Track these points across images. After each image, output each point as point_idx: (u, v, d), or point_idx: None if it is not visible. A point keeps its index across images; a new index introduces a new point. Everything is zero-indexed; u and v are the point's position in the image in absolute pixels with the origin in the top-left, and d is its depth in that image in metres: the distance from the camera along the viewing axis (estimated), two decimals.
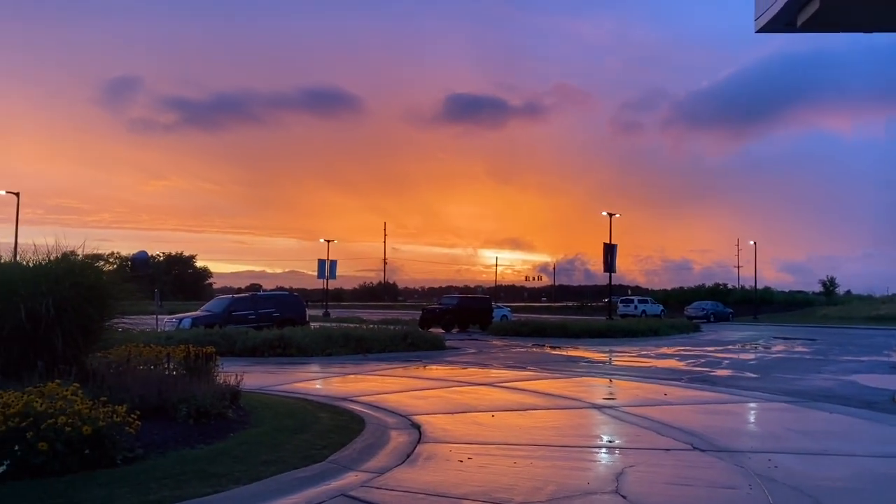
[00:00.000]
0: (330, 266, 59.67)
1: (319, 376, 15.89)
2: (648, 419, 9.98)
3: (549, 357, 22.10)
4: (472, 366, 18.52)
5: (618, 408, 11.06)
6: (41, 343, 7.91)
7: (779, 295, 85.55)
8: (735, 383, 15.32)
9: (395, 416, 9.96)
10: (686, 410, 11.15)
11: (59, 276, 8.28)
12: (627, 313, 55.56)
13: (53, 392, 6.49)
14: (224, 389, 9.16)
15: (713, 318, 56.28)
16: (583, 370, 17.84)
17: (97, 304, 8.67)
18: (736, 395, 13.24)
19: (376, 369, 17.03)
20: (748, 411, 11.76)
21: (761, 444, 8.50)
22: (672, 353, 24.08)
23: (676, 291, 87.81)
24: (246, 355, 19.26)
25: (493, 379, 15.18)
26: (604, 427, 9.67)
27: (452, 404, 11.27)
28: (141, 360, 9.82)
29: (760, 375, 17.18)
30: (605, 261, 48.13)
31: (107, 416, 6.42)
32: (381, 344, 22.12)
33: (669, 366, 19.63)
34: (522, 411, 10.72)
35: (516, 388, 13.47)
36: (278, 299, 29.77)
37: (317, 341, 21.01)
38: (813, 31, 7.86)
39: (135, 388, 8.22)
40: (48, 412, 6.13)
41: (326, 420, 9.20)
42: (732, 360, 21.58)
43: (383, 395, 12.03)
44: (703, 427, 9.38)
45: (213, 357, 10.41)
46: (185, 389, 8.49)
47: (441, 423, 9.43)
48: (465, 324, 38.13)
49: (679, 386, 14.53)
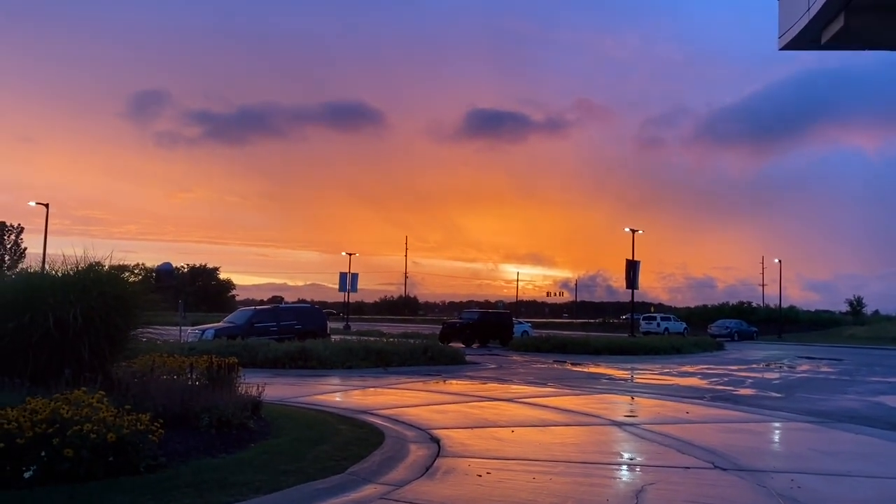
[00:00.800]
0: (351, 279, 59.88)
1: (339, 389, 15.95)
2: (669, 437, 9.90)
3: (570, 374, 21.99)
4: (492, 381, 18.48)
5: (639, 425, 10.98)
6: (68, 351, 8.06)
7: (804, 314, 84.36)
8: (758, 402, 15.14)
9: (414, 429, 9.98)
10: (708, 429, 11.04)
11: (86, 285, 8.44)
12: (650, 330, 55.10)
13: (79, 399, 6.61)
14: (246, 400, 9.24)
15: (737, 336, 55.64)
16: (604, 387, 17.74)
17: (123, 314, 8.82)
18: (759, 414, 13.09)
19: (396, 383, 17.06)
20: (771, 431, 11.62)
21: (784, 464, 8.40)
22: (695, 372, 23.84)
23: (700, 309, 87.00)
24: (267, 367, 19.39)
25: (513, 395, 15.13)
26: (624, 444, 9.60)
27: (472, 419, 11.26)
28: (165, 370, 9.94)
29: (784, 395, 16.96)
30: (628, 277, 47.89)
31: (131, 424, 6.51)
32: (401, 357, 22.17)
33: (692, 384, 19.45)
34: (542, 427, 10.68)
35: (536, 405, 13.42)
36: (300, 311, 29.96)
37: (337, 354, 21.10)
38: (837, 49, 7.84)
39: (158, 397, 8.33)
40: (74, 419, 6.24)
41: (346, 432, 9.24)
42: (756, 380, 21.31)
43: (403, 409, 12.05)
44: (724, 446, 9.29)
45: (235, 368, 10.51)
46: (207, 399, 8.59)
47: (460, 438, 9.43)
48: (486, 339, 38.05)
49: (701, 404, 14.39)
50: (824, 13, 7.16)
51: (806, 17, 7.34)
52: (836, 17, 7.22)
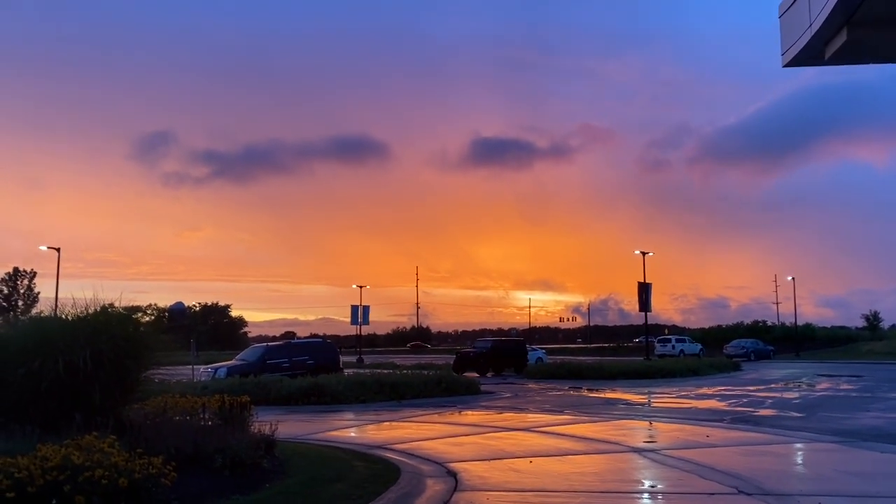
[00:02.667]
0: (363, 312, 59.74)
1: (354, 424, 15.79)
2: (690, 462, 9.70)
3: (586, 400, 21.73)
4: (507, 410, 18.28)
5: (658, 451, 10.78)
6: (79, 395, 8.00)
7: (820, 331, 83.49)
8: (780, 423, 14.87)
9: (430, 463, 9.82)
10: (729, 452, 10.82)
11: (96, 328, 8.40)
12: (665, 353, 54.58)
13: (90, 445, 6.53)
14: (259, 439, 9.13)
15: (753, 356, 55.07)
16: (621, 413, 17.49)
17: (134, 356, 8.77)
18: (781, 435, 12.84)
19: (411, 415, 16.88)
20: (795, 452, 11.38)
21: (810, 487, 8.20)
22: (713, 394, 23.52)
23: (714, 330, 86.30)
24: (280, 403, 19.25)
25: (530, 423, 14.94)
26: (644, 471, 9.41)
27: (489, 450, 11.09)
28: (177, 411, 9.86)
29: (806, 414, 16.67)
30: (640, 300, 47.55)
31: (143, 468, 6.42)
32: (416, 389, 21.97)
33: (710, 406, 19.16)
34: (560, 456, 10.50)
35: (554, 433, 13.22)
36: (312, 347, 29.81)
37: (350, 388, 20.94)
38: (841, 64, 7.81)
39: (171, 438, 8.23)
40: (85, 465, 6.15)
41: (361, 469, 9.10)
42: (776, 399, 20.99)
43: (418, 443, 11.89)
44: (747, 469, 9.08)
45: (247, 406, 10.41)
46: (220, 439, 8.48)
47: (478, 471, 9.27)
48: (500, 367, 37.75)
49: (721, 427, 14.14)
50: (826, 28, 7.15)
51: (808, 32, 7.33)
52: (838, 33, 7.20)
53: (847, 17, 6.77)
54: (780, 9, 7.89)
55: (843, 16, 6.77)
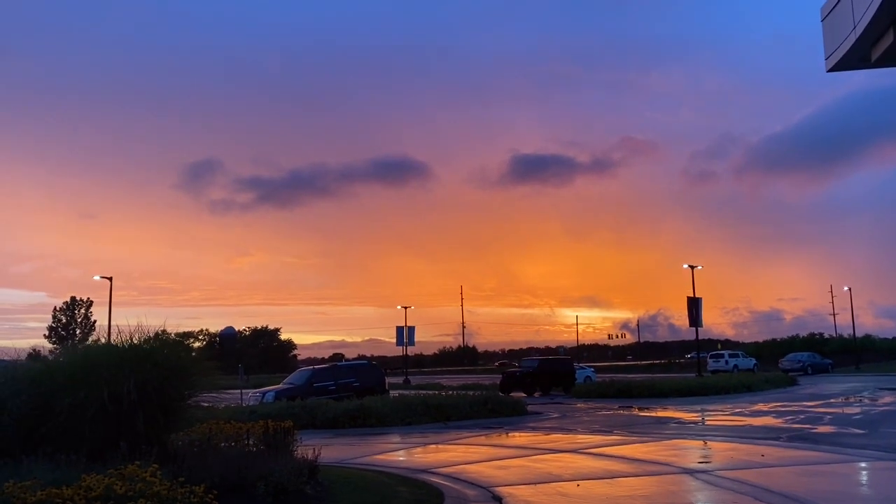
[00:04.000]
0: (408, 333, 59.83)
1: (398, 447, 15.68)
2: (746, 483, 9.33)
3: (636, 419, 21.26)
4: (555, 431, 17.96)
5: (711, 472, 10.42)
6: (124, 424, 8.07)
7: (881, 342, 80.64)
8: (840, 440, 14.27)
9: (475, 487, 9.65)
10: (786, 472, 10.39)
11: (140, 357, 8.50)
12: (718, 369, 53.27)
13: (133, 474, 6.55)
14: (302, 465, 9.09)
15: (811, 370, 53.36)
16: (673, 432, 17.04)
17: (178, 384, 8.84)
18: (842, 453, 12.31)
19: (456, 438, 16.71)
20: (857, 472, 10.88)
21: None
22: (768, 410, 22.79)
23: (769, 343, 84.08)
24: (326, 427, 19.28)
25: (578, 445, 14.63)
26: (697, 494, 9.09)
27: (535, 474, 10.86)
28: (222, 437, 9.89)
29: (868, 431, 15.98)
30: (690, 315, 46.54)
31: (185, 497, 6.42)
32: (461, 411, 21.76)
33: (766, 423, 18.55)
34: (610, 479, 10.22)
35: (603, 455, 12.92)
36: (358, 369, 29.91)
37: (396, 411, 20.86)
38: (888, 66, 7.50)
39: (215, 466, 8.23)
40: (128, 495, 6.18)
41: (405, 494, 8.99)
42: (835, 415, 20.20)
43: (463, 466, 11.72)
44: (806, 491, 8.69)
45: (290, 432, 10.39)
46: (263, 466, 8.46)
47: (523, 495, 9.07)
48: (547, 386, 37.29)
49: (777, 445, 13.65)
50: (872, 30, 6.88)
51: (853, 35, 7.07)
52: (884, 34, 6.93)
53: (893, 17, 6.51)
54: (822, 12, 7.63)
55: (889, 16, 6.51)
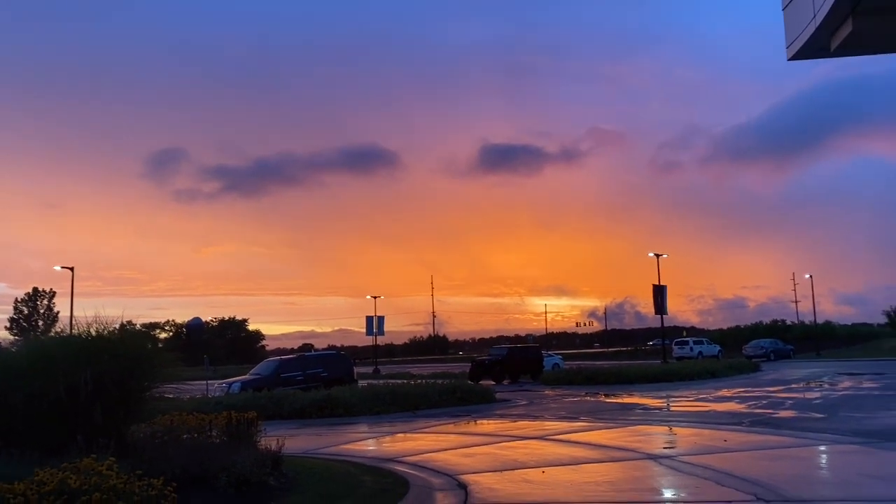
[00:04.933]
0: (378, 322, 59.70)
1: (366, 437, 15.62)
2: (708, 468, 9.44)
3: (602, 406, 21.45)
4: (522, 418, 18.04)
5: (675, 457, 10.54)
6: (81, 417, 7.90)
7: (841, 329, 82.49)
8: (800, 425, 14.54)
9: (441, 476, 9.64)
10: (748, 457, 10.55)
11: (98, 348, 8.31)
12: (683, 355, 53.97)
13: (89, 467, 6.39)
14: (266, 455, 8.99)
15: (773, 356, 54.35)
16: (638, 418, 17.22)
17: (138, 375, 8.68)
18: (802, 437, 12.53)
19: (424, 426, 16.70)
20: (816, 455, 11.09)
21: (832, 493, 7.95)
22: (732, 396, 23.16)
23: (733, 330, 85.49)
24: (294, 417, 19.14)
25: (545, 432, 14.71)
26: (660, 479, 9.18)
27: (501, 461, 10.89)
28: (185, 429, 9.74)
29: (827, 415, 16.31)
30: (656, 302, 47.14)
31: (142, 490, 6.27)
32: (430, 400, 21.75)
33: (729, 409, 18.83)
34: (575, 466, 10.28)
35: (569, 441, 13.00)
36: (326, 359, 29.72)
37: (364, 400, 20.79)
38: (847, 55, 7.58)
39: (176, 458, 8.10)
40: (82, 489, 6.02)
41: (370, 484, 8.94)
42: (796, 400, 20.60)
43: (430, 454, 11.71)
44: (767, 475, 8.82)
45: (254, 422, 10.28)
46: (225, 457, 8.34)
47: (489, 482, 9.08)
48: (516, 374, 37.47)
49: (740, 430, 13.85)
50: (831, 20, 6.94)
51: (812, 24, 7.12)
52: (843, 23, 6.99)
53: (852, 6, 6.57)
54: (783, 0, 7.69)
55: (847, 5, 6.57)
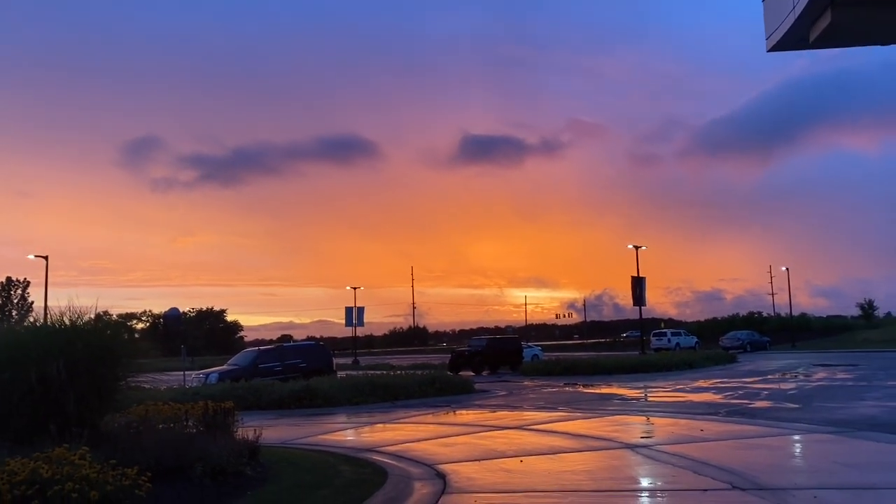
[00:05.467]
0: (357, 313, 59.55)
1: (344, 427, 15.58)
2: (685, 458, 9.52)
3: (581, 396, 21.57)
4: (501, 409, 18.10)
5: (652, 447, 10.61)
6: (53, 406, 7.78)
7: (816, 321, 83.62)
8: (775, 415, 14.72)
9: (419, 465, 9.63)
10: (724, 446, 10.65)
11: (70, 337, 8.18)
12: (661, 347, 54.50)
13: (61, 457, 6.32)
14: (242, 445, 8.92)
15: (749, 347, 55.05)
16: (616, 408, 17.33)
17: (112, 365, 8.55)
18: (777, 427, 12.68)
19: (404, 417, 16.69)
20: (790, 444, 11.22)
21: (806, 480, 8.03)
22: (708, 386, 23.39)
23: (710, 322, 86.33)
24: (272, 408, 19.03)
25: (523, 422, 14.76)
26: (637, 468, 9.24)
27: (480, 450, 10.90)
28: (160, 419, 9.64)
29: (802, 405, 16.53)
30: (634, 294, 47.48)
31: (116, 480, 6.21)
32: (409, 390, 21.75)
33: (706, 399, 19.02)
34: (552, 455, 10.32)
35: (547, 431, 13.05)
36: (305, 350, 29.58)
37: (343, 391, 20.73)
38: (826, 47, 7.63)
39: (151, 448, 8.01)
40: (55, 478, 5.94)
41: (348, 473, 8.90)
42: (771, 391, 20.86)
43: (409, 444, 11.70)
44: (742, 464, 8.91)
45: (231, 412, 10.19)
46: (201, 447, 8.26)
47: (467, 472, 9.08)
48: (496, 365, 37.61)
49: (716, 420, 13.99)
50: (810, 11, 6.97)
51: (792, 15, 7.15)
52: (822, 15, 7.03)
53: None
54: None
55: None
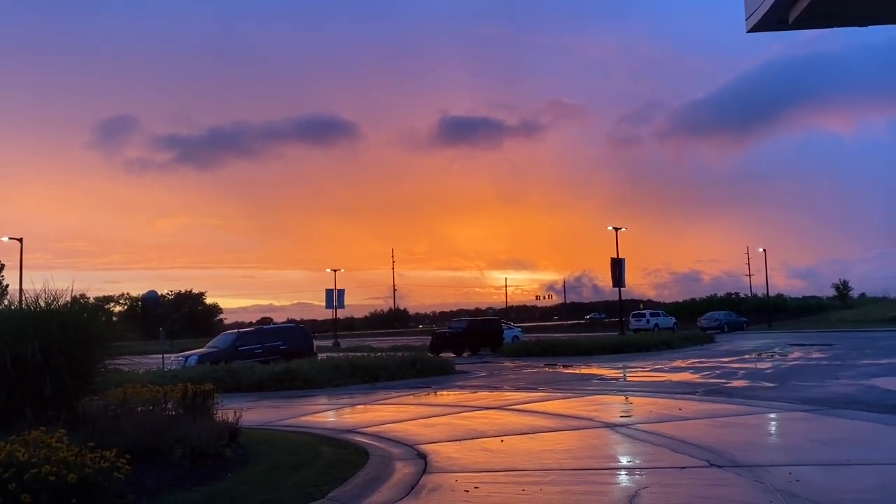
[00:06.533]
0: (338, 295, 59.41)
1: (325, 408, 15.57)
2: (663, 436, 9.64)
3: (561, 376, 21.72)
4: (482, 389, 18.18)
5: (631, 426, 10.72)
6: (29, 389, 7.68)
7: (792, 302, 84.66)
8: (752, 394, 14.92)
9: (400, 446, 9.66)
10: (702, 425, 10.79)
11: (45, 319, 8.07)
12: (640, 327, 54.96)
13: (37, 440, 6.23)
14: (222, 427, 8.88)
15: (727, 328, 55.65)
16: (595, 388, 17.47)
17: (87, 347, 8.45)
18: (753, 406, 12.86)
19: (384, 398, 16.71)
20: (766, 422, 11.39)
21: (781, 457, 8.16)
22: (686, 366, 23.65)
23: (688, 303, 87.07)
24: (252, 390, 18.99)
25: (504, 402, 14.84)
26: (616, 447, 9.33)
27: (460, 430, 10.95)
28: (139, 402, 9.56)
29: (778, 384, 16.77)
30: (614, 276, 47.74)
31: (94, 462, 6.14)
32: (390, 372, 21.79)
33: (684, 379, 19.23)
34: (533, 434, 10.39)
35: (527, 411, 13.13)
36: (285, 332, 29.46)
37: (324, 373, 20.71)
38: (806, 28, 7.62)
39: (128, 430, 7.95)
40: (31, 462, 5.86)
41: (329, 454, 8.90)
42: (748, 370, 21.13)
43: (390, 425, 11.72)
44: (719, 442, 9.04)
45: (211, 394, 10.14)
46: (180, 430, 8.21)
47: (448, 452, 9.12)
48: (476, 346, 37.72)
49: (694, 399, 14.16)
50: None
51: None
52: None
53: None
54: None
55: None
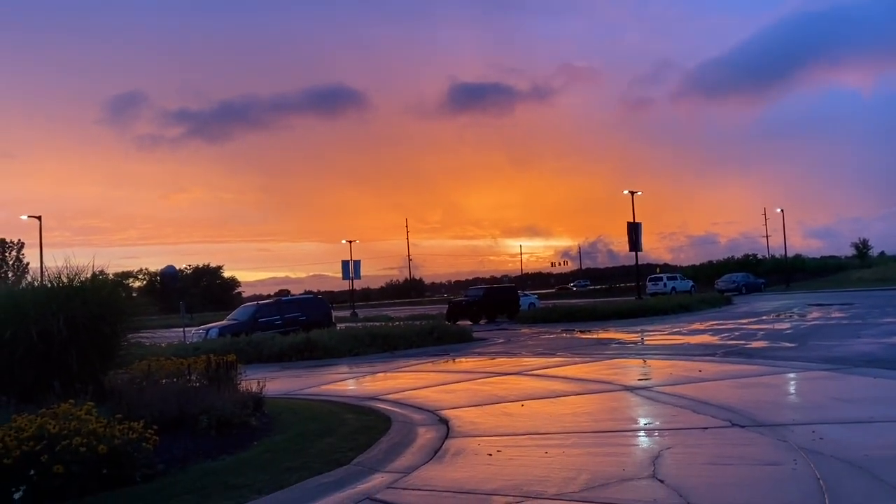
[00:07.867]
0: (354, 266, 59.65)
1: (346, 377, 15.72)
2: (684, 398, 9.64)
3: (578, 341, 21.77)
4: (500, 356, 18.27)
5: (651, 388, 10.74)
6: (56, 363, 7.81)
7: (810, 262, 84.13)
8: (771, 354, 14.89)
9: (422, 412, 9.74)
10: (722, 386, 10.78)
11: (69, 295, 8.16)
12: (657, 291, 54.85)
13: (67, 413, 6.35)
14: (246, 397, 9.00)
15: (745, 289, 55.45)
16: (614, 352, 17.50)
17: (111, 321, 8.56)
18: (773, 366, 12.82)
19: (404, 366, 16.84)
20: (787, 382, 11.36)
21: (804, 416, 8.14)
22: (705, 329, 23.61)
23: (705, 266, 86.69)
24: (273, 361, 19.21)
25: (523, 367, 14.90)
26: (637, 409, 9.36)
27: (481, 396, 11.02)
28: (163, 374, 9.70)
29: (798, 344, 16.71)
30: (630, 240, 47.46)
31: (123, 434, 6.26)
32: (408, 340, 21.95)
33: (703, 341, 19.20)
34: (553, 398, 10.44)
35: (546, 376, 13.18)
36: (303, 303, 29.71)
37: (343, 342, 20.90)
38: None
39: (154, 402, 8.07)
40: (62, 433, 5.98)
41: (352, 421, 9.00)
42: (767, 331, 21.07)
43: (410, 392, 11.82)
44: (741, 402, 9.03)
45: (234, 365, 10.25)
46: (205, 400, 8.33)
47: (469, 417, 9.19)
48: (493, 314, 37.85)
49: (714, 361, 14.14)
50: None
51: None
52: None
53: None
54: None
55: None
